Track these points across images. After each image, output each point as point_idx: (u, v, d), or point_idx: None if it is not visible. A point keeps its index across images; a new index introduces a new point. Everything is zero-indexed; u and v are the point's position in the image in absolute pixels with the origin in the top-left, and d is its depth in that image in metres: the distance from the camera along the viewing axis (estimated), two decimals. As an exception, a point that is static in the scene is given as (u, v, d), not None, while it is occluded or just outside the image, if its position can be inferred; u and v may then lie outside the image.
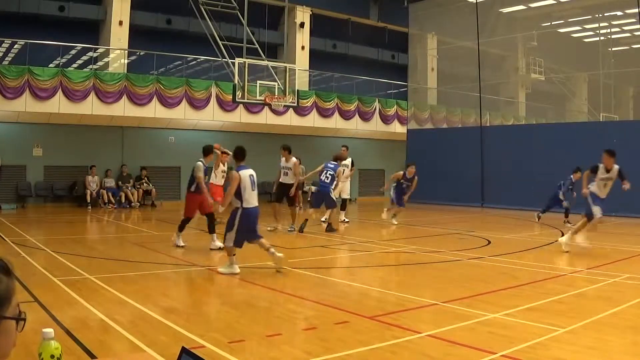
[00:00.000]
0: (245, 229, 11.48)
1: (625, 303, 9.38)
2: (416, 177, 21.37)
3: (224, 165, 18.42)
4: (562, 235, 16.45)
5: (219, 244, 14.60)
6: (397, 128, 35.97)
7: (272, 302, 9.75)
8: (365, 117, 34.61)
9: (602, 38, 34.59)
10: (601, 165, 14.99)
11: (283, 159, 18.87)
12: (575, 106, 38.22)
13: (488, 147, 30.01)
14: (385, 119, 35.55)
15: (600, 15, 33.39)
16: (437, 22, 36.23)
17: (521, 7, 35.33)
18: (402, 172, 21.68)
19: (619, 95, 35.70)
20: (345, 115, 33.87)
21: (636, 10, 27.34)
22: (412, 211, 27.33)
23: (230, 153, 14.53)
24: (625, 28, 33.53)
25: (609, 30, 34.44)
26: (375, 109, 35.14)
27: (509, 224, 23.43)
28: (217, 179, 18.68)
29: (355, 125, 34.42)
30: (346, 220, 21.93)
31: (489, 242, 17.08)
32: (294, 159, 18.41)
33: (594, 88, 35.68)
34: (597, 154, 17.03)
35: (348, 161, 22.09)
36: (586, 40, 36.88)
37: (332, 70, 35.88)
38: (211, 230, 15.20)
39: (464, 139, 31.27)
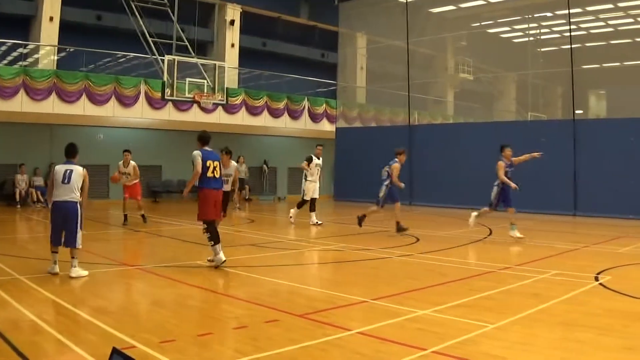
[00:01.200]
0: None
1: (553, 299, 9.53)
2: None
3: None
4: (490, 232, 16.69)
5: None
6: (326, 126, 36.08)
7: (203, 301, 9.70)
8: (295, 115, 34.65)
9: (531, 39, 35.18)
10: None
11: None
12: (503, 105, 38.74)
13: (416, 146, 30.21)
14: (314, 118, 35.64)
15: (530, 16, 33.92)
16: (367, 21, 36.37)
17: (451, 7, 35.68)
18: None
19: (547, 95, 36.34)
20: (275, 114, 33.86)
21: (566, 11, 27.90)
22: (342, 209, 27.46)
23: None
24: (555, 29, 34.15)
25: (538, 31, 35.05)
26: (304, 107, 35.21)
27: (437, 221, 23.64)
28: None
29: (285, 123, 34.44)
30: (319, 222, 21.41)
31: (418, 240, 17.18)
32: (233, 164, 15.97)
33: (522, 88, 36.28)
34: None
35: (320, 160, 21.90)
36: (515, 40, 37.44)
37: (261, 69, 35.83)
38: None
39: (393, 138, 31.36)
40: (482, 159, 26.77)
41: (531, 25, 34.70)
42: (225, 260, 12.12)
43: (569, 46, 27.31)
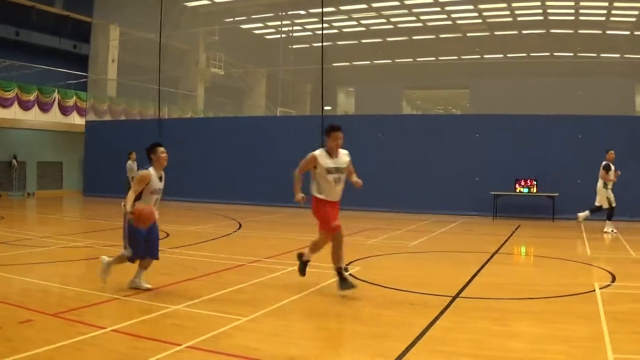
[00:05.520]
0: None
1: (305, 290, 9.73)
2: None
3: None
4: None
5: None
6: (77, 119, 34.90)
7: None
8: (45, 107, 33.21)
9: (283, 35, 35.74)
10: None
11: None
12: (253, 101, 39.19)
13: (166, 140, 29.73)
14: (65, 110, 34.36)
15: (283, 13, 34.48)
16: (122, 12, 35.51)
17: (206, 1, 35.66)
18: None
19: (297, 91, 37.10)
20: (25, 106, 32.25)
21: (319, 10, 28.61)
22: (92, 204, 26.80)
23: None
24: (308, 27, 34.90)
25: (291, 28, 35.67)
26: (54, 99, 33.82)
27: (188, 216, 23.49)
28: None
29: (34, 116, 32.92)
30: None
31: (168, 235, 16.96)
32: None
33: (272, 83, 36.79)
34: (274, 147, 17.62)
35: None
36: (268, 37, 37.95)
37: (14, 59, 34.07)
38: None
39: (142, 132, 30.86)
40: (232, 153, 27.03)
41: (284, 22, 35.31)
42: None
43: (321, 44, 28.04)
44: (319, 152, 10.05)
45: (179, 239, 16.24)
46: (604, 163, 19.64)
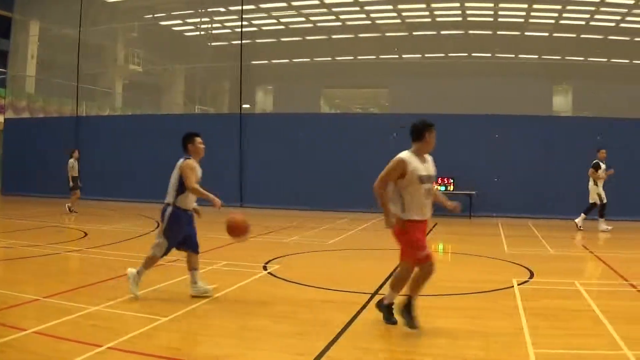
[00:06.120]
0: None
1: (225, 289, 9.76)
2: None
3: None
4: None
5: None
6: (-5, 117, 34.15)
7: None
8: (-37, 105, 32.42)
9: (202, 33, 35.47)
10: None
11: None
12: (172, 98, 38.81)
13: (84, 138, 29.41)
14: (-17, 108, 33.57)
15: (203, 10, 34.23)
16: (42, 8, 34.86)
17: (126, -3, 35.26)
18: None
19: (215, 89, 36.89)
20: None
21: (239, 7, 28.52)
22: (11, 203, 26.27)
23: None
24: (227, 24, 34.69)
25: (210, 26, 35.40)
26: (-28, 96, 33.04)
27: (105, 215, 23.13)
28: None
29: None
30: None
31: (86, 234, 16.74)
32: None
33: (191, 81, 36.51)
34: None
35: None
36: (187, 34, 37.62)
37: None
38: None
39: (60, 130, 30.34)
40: (151, 151, 26.74)
41: (204, 19, 35.06)
42: None
43: (240, 42, 27.95)
44: (407, 155, 7.78)
45: (98, 238, 16.01)
46: (594, 162, 19.96)
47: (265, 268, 11.20)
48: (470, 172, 24.18)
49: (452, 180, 24.28)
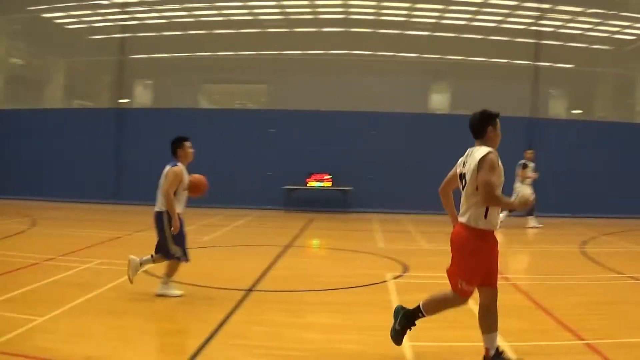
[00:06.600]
0: None
1: (101, 287, 9.69)
2: None
3: None
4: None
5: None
6: None
7: None
8: None
9: (84, 26, 34.67)
10: None
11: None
12: (51, 92, 38.01)
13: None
14: None
15: (85, 2, 33.54)
16: None
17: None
18: None
19: (95, 83, 36.23)
20: None
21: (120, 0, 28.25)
22: None
23: None
24: (109, 17, 33.88)
25: (92, 18, 34.64)
26: None
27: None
28: None
29: None
30: None
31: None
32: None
33: (70, 75, 35.73)
34: (72, 139, 17.28)
35: None
36: (68, 27, 36.84)
37: None
38: None
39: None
40: (31, 146, 26.26)
41: (86, 12, 34.38)
42: None
43: (120, 35, 27.70)
44: (496, 155, 6.30)
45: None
46: (521, 161, 20.30)
47: (141, 265, 11.31)
48: (348, 169, 24.65)
49: (329, 176, 24.72)
